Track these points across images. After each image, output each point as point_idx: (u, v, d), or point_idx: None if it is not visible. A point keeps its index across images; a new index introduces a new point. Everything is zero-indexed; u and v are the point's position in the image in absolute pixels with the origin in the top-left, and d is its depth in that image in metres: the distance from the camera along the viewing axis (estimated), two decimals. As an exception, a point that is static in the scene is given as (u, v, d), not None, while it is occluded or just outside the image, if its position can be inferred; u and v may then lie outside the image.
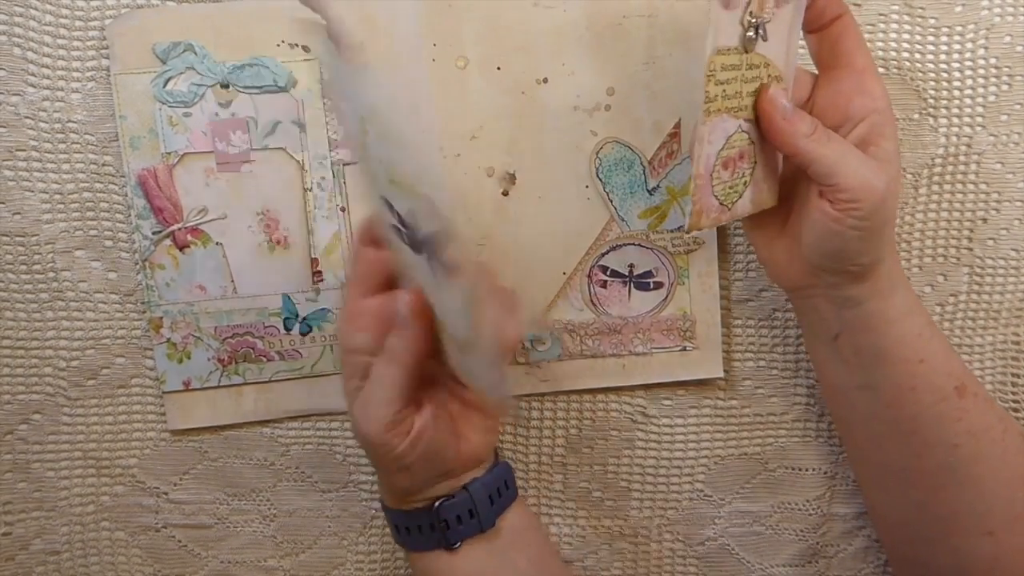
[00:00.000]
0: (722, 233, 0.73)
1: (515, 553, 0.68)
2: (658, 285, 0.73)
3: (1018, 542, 0.64)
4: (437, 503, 0.63)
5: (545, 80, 0.70)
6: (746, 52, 0.57)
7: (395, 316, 0.59)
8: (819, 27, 0.61)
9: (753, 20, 0.57)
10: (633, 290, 0.73)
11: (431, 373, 0.63)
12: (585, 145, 0.71)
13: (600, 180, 0.71)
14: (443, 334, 0.59)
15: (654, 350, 0.74)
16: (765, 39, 0.58)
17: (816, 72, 0.63)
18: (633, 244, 0.72)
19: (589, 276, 0.73)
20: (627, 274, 0.73)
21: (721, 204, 0.60)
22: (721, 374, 0.74)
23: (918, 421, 0.64)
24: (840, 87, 0.61)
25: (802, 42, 0.62)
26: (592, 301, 0.73)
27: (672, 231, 0.72)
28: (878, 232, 0.59)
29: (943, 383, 0.63)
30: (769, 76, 0.59)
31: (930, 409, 0.63)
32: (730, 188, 0.60)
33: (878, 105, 0.59)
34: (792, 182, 0.64)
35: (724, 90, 0.57)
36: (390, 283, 0.60)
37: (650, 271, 0.73)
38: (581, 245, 0.72)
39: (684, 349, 0.74)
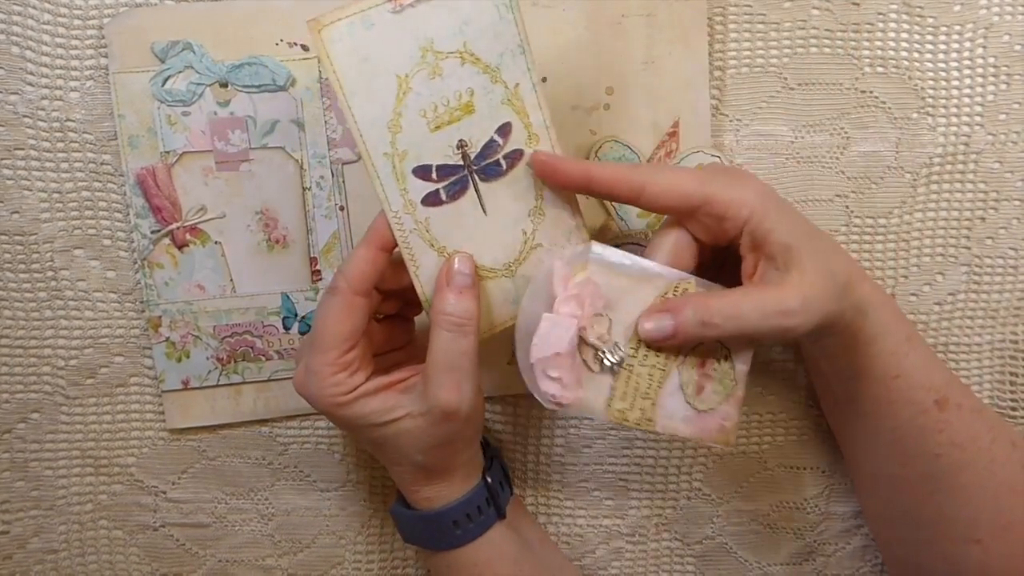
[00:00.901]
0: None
1: (523, 527, 0.69)
2: (657, 285, 0.73)
3: (1007, 550, 0.64)
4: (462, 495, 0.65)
5: (545, 80, 0.69)
6: (627, 371, 0.59)
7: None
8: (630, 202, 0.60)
9: (608, 362, 0.59)
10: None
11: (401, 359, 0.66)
12: (584, 144, 0.71)
13: (599, 179, 0.71)
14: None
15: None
16: (620, 349, 0.59)
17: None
18: (632, 243, 0.72)
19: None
20: (626, 274, 0.73)
21: (726, 400, 0.61)
22: (720, 373, 0.74)
23: (897, 433, 0.64)
24: (710, 234, 0.60)
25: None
26: (591, 300, 0.73)
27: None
28: (823, 321, 0.58)
29: (921, 397, 0.63)
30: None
31: (909, 422, 0.64)
32: (719, 387, 0.61)
33: (742, 216, 0.58)
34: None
35: (640, 399, 0.59)
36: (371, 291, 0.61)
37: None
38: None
39: (683, 349, 0.74)
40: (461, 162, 0.59)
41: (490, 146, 0.59)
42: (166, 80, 0.67)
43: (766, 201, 0.58)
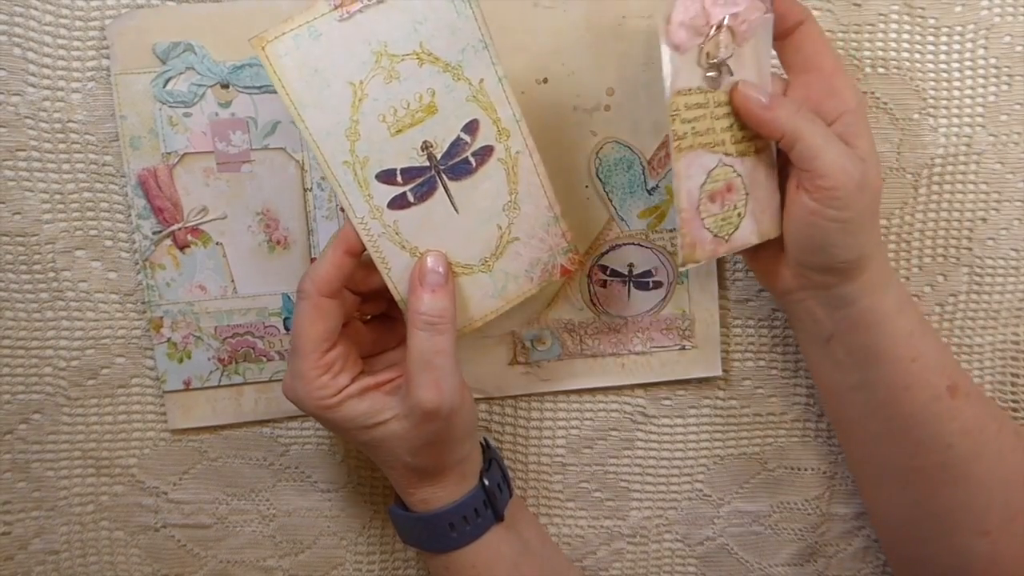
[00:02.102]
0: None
1: (523, 529, 0.69)
2: (657, 284, 0.73)
3: (1015, 542, 0.64)
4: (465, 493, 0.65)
5: (545, 80, 0.70)
6: (712, 91, 0.58)
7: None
8: (782, 35, 0.61)
9: (712, 61, 0.58)
10: (633, 289, 0.73)
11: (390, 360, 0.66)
12: (585, 145, 0.71)
13: (600, 180, 0.71)
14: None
15: (653, 349, 0.74)
16: (731, 74, 0.59)
17: (786, 77, 0.63)
18: (633, 244, 0.72)
19: (589, 276, 0.73)
20: (627, 274, 0.73)
21: (716, 236, 0.61)
22: (719, 372, 0.74)
23: (913, 420, 0.64)
24: (810, 91, 0.61)
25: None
26: (592, 301, 0.73)
27: (671, 230, 0.72)
28: (859, 225, 0.59)
29: (936, 382, 0.63)
30: None
31: (924, 409, 0.63)
32: (723, 220, 0.61)
33: (849, 106, 0.60)
34: None
35: (693, 127, 0.58)
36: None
37: (649, 271, 0.73)
38: (581, 245, 0.72)
39: (683, 348, 0.74)
40: (427, 163, 0.59)
41: (457, 145, 0.60)
42: (167, 81, 0.67)
43: (863, 115, 0.61)
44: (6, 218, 0.69)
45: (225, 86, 0.67)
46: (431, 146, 0.59)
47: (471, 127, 0.59)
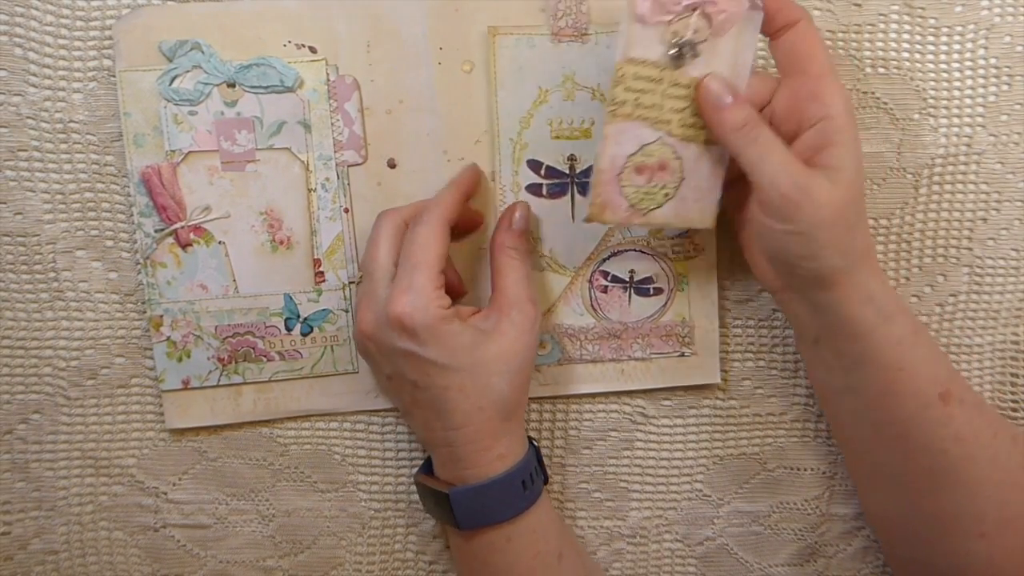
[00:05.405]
0: (722, 236, 0.73)
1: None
2: (658, 291, 0.73)
3: (1012, 544, 0.64)
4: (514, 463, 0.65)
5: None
6: (673, 69, 0.60)
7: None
8: (773, 33, 0.62)
9: (676, 40, 0.60)
10: (633, 296, 0.74)
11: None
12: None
13: (603, 183, 0.71)
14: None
15: (653, 355, 0.74)
16: (695, 55, 0.60)
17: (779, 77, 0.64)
18: (634, 250, 0.73)
19: (590, 281, 0.73)
20: (627, 280, 0.73)
21: (632, 206, 0.63)
22: (718, 380, 0.75)
23: (904, 426, 0.64)
24: (796, 93, 0.61)
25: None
26: (593, 306, 0.73)
27: (672, 238, 0.73)
28: (816, 240, 0.59)
29: (926, 389, 0.63)
30: None
31: (915, 415, 0.63)
32: (645, 194, 0.63)
33: (829, 112, 0.59)
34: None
35: (637, 98, 0.60)
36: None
37: (650, 277, 0.73)
38: (583, 250, 0.73)
39: (682, 355, 0.74)
40: (567, 172, 0.70)
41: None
42: (173, 79, 0.67)
43: (847, 122, 0.60)
44: (7, 218, 0.69)
45: (231, 85, 0.67)
46: (575, 160, 0.70)
47: None
